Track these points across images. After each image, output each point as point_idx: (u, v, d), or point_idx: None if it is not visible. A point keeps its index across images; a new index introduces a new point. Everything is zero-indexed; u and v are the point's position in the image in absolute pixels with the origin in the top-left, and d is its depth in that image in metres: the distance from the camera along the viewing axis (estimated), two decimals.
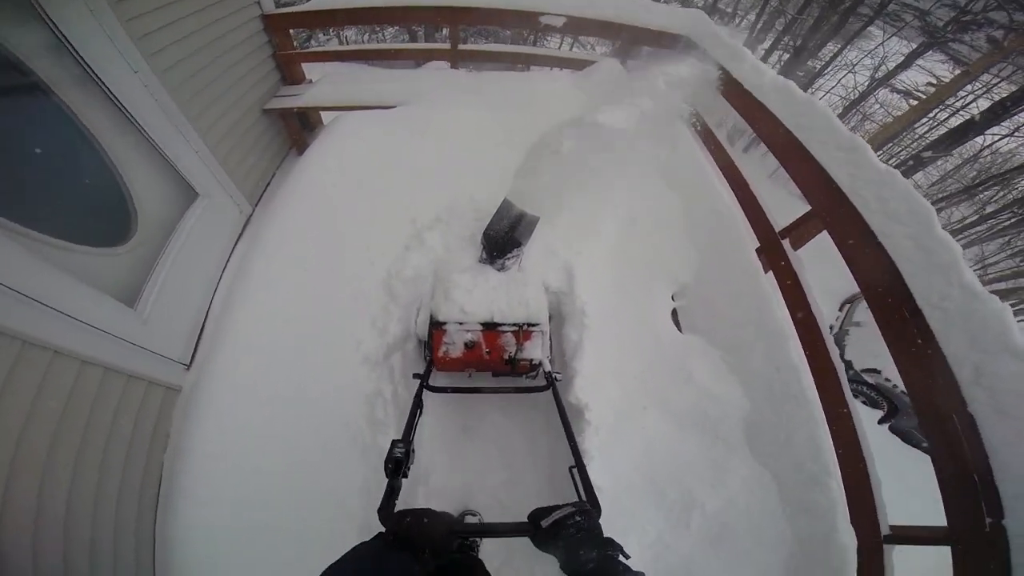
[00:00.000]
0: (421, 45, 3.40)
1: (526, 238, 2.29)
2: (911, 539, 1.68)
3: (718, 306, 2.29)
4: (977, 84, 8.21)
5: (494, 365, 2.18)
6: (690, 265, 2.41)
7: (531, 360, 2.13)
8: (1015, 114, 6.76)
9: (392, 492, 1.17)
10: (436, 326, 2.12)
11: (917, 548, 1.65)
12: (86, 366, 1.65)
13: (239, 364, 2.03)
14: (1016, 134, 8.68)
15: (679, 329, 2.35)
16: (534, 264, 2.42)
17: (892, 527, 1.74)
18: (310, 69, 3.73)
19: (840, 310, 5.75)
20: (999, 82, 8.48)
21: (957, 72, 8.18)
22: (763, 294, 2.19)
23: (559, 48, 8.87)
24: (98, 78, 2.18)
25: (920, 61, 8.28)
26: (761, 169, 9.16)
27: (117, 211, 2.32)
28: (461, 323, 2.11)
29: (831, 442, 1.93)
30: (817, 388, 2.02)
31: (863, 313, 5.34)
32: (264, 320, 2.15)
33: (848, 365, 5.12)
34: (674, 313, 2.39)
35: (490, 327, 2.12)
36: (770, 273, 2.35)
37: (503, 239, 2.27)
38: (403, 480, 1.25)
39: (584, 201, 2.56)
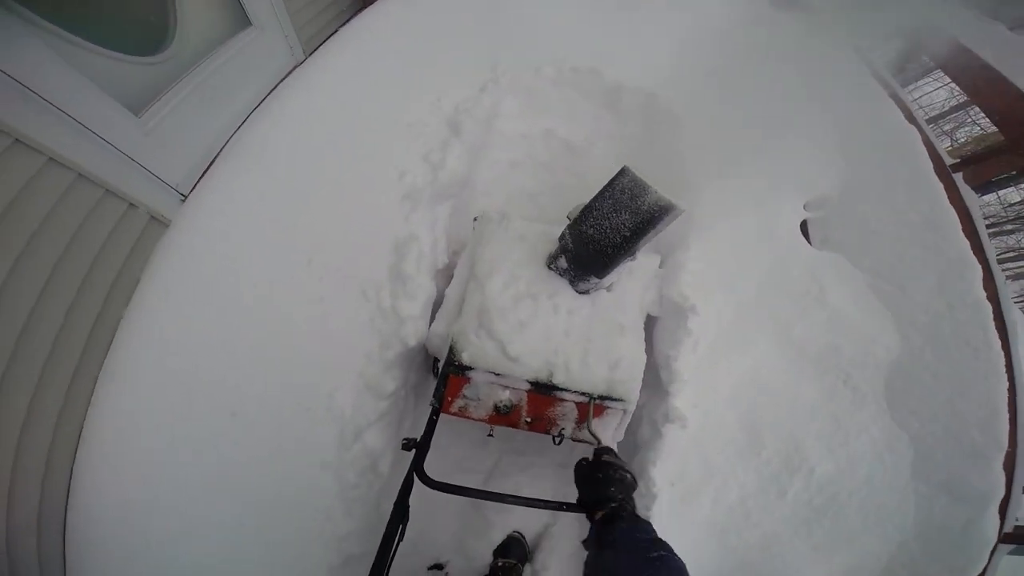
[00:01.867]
0: None
1: (646, 242, 1.24)
2: None
3: (872, 222, 1.76)
4: None
5: (534, 431, 1.43)
6: (833, 173, 1.89)
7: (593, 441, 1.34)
8: None
9: None
10: (455, 370, 1.34)
11: None
12: (53, 163, 1.32)
13: (248, 199, 1.74)
14: None
15: (808, 241, 1.82)
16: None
17: (1016, 526, 1.48)
18: None
19: None
20: None
21: None
22: (945, 213, 1.67)
23: None
24: None
25: None
26: None
27: (155, 21, 1.97)
28: (498, 374, 1.33)
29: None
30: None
31: None
32: (290, 149, 1.86)
33: None
34: (803, 225, 1.86)
35: (543, 389, 1.35)
36: None
37: (610, 249, 1.24)
38: None
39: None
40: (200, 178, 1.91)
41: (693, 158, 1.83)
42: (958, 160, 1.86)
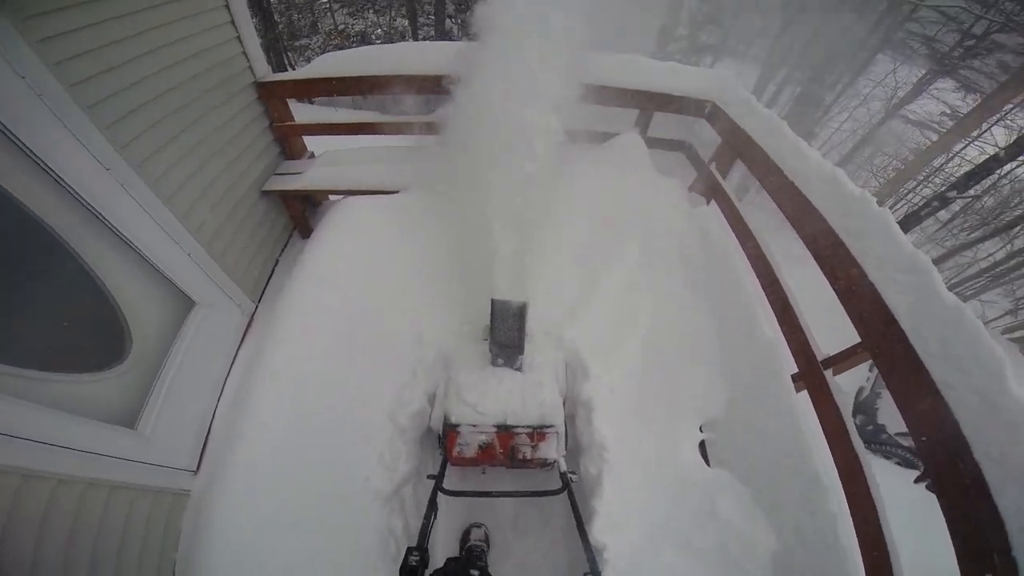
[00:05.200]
0: (426, 118, 3.23)
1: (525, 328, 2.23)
2: None
3: (750, 443, 2.13)
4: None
5: (508, 463, 2.20)
6: (720, 397, 2.24)
7: (545, 459, 2.14)
8: None
9: None
10: (450, 427, 2.11)
11: None
12: (91, 487, 1.69)
13: (246, 485, 1.97)
14: None
15: (707, 462, 2.21)
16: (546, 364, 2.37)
17: None
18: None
19: (870, 371, 5.48)
20: (1012, 108, 8.32)
21: (970, 100, 8.03)
22: (801, 437, 2.02)
23: None
24: (63, 182, 1.87)
25: (933, 90, 8.10)
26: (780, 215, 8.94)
27: (108, 332, 2.20)
28: (475, 425, 2.10)
29: None
30: (856, 532, 1.85)
31: None
32: (268, 453, 2.04)
33: (882, 429, 5.11)
34: (702, 445, 2.24)
35: (504, 429, 2.12)
36: (803, 393, 2.18)
37: (516, 340, 2.20)
38: None
39: (602, 316, 2.44)
40: (202, 453, 2.32)
41: (601, 403, 2.20)
42: (827, 357, 2.12)
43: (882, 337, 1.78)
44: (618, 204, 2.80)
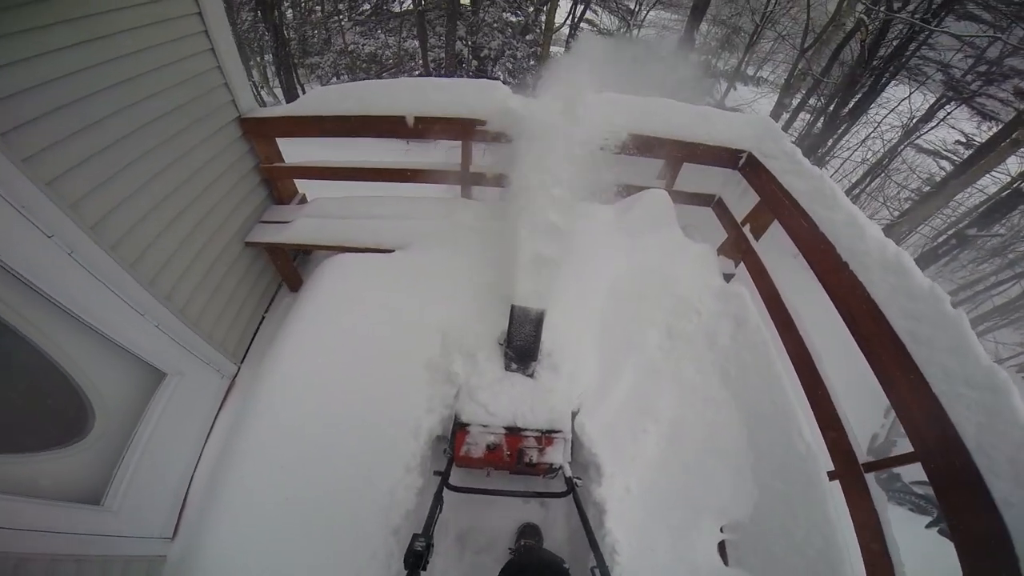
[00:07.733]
0: (426, 165, 2.99)
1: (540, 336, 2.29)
2: None
3: (775, 548, 1.88)
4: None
5: (514, 467, 2.15)
6: (746, 499, 1.99)
7: (551, 464, 2.10)
8: None
9: None
10: (459, 427, 2.12)
11: None
12: (54, 562, 1.62)
13: (228, 549, 1.82)
14: None
15: (725, 562, 1.97)
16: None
17: None
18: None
19: (885, 417, 5.52)
20: None
21: (985, 128, 7.83)
22: (834, 547, 1.78)
23: None
24: None
25: (948, 118, 7.90)
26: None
27: (67, 409, 1.99)
28: (485, 425, 2.11)
29: None
30: None
31: None
32: (250, 522, 1.87)
33: (896, 477, 5.23)
34: (721, 545, 2.00)
35: (513, 431, 2.12)
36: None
37: (532, 346, 2.26)
38: (423, 573, 1.31)
39: (621, 405, 2.24)
40: (179, 518, 2.27)
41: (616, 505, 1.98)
42: (871, 460, 1.91)
43: (941, 453, 1.58)
44: (641, 274, 2.56)
